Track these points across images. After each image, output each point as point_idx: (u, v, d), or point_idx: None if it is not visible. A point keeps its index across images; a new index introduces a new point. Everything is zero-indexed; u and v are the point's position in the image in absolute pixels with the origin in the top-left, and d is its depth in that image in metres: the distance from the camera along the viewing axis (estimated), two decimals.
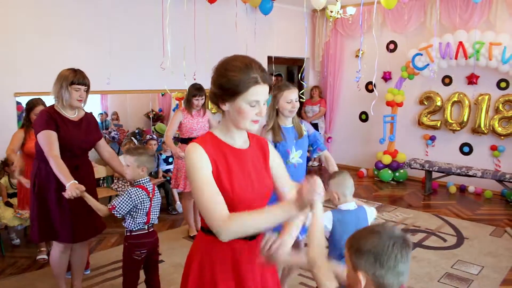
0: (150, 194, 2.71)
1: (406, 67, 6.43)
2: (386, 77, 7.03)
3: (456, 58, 5.91)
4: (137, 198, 2.61)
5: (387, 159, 6.66)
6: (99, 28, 4.99)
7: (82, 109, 2.95)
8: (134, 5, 5.27)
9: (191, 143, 1.54)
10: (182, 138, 4.38)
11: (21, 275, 3.61)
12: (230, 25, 6.22)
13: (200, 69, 5.31)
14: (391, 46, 6.95)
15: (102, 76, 5.05)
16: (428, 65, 6.14)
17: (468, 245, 4.27)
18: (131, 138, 5.40)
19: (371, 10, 6.87)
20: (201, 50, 5.49)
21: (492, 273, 3.66)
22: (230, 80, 1.47)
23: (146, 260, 2.80)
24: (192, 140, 1.60)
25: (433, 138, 6.66)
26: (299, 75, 7.40)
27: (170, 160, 5.40)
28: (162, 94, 6.38)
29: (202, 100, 4.31)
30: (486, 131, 6.05)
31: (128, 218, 2.68)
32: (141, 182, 2.69)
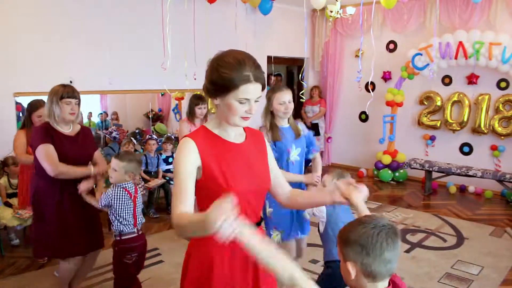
0: (132, 195, 2.74)
1: (406, 67, 6.42)
2: (386, 77, 7.02)
3: (456, 58, 5.90)
4: (115, 196, 2.67)
5: (387, 159, 6.66)
6: (99, 28, 4.98)
7: (77, 123, 2.94)
8: (134, 5, 5.27)
9: (184, 138, 1.55)
10: None
11: (20, 275, 3.60)
12: (230, 25, 6.21)
13: (200, 69, 5.29)
14: (391, 46, 6.95)
15: (102, 76, 5.06)
16: (428, 65, 6.14)
17: (468, 245, 4.26)
18: (131, 138, 5.40)
19: (371, 10, 6.88)
20: (201, 50, 5.48)
21: (492, 273, 3.66)
22: (221, 76, 1.47)
23: (135, 262, 2.81)
24: None
25: (433, 138, 6.66)
26: (300, 75, 7.40)
27: (170, 160, 5.39)
28: (162, 94, 6.38)
29: (204, 109, 4.29)
30: (486, 131, 6.05)
31: (113, 220, 2.71)
32: (123, 185, 2.72)
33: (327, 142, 7.76)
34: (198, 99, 4.24)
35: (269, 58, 6.92)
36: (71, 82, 4.40)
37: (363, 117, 7.48)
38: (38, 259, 3.70)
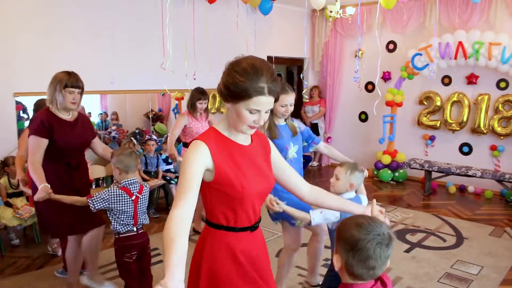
0: (134, 196, 2.69)
1: (405, 67, 6.43)
2: (386, 77, 7.03)
3: (455, 58, 5.91)
4: (112, 198, 2.61)
5: (387, 159, 6.66)
6: (99, 28, 4.99)
7: (76, 111, 2.98)
8: (134, 5, 5.27)
9: (196, 140, 1.54)
10: (185, 143, 4.38)
11: (20, 275, 3.60)
12: (230, 25, 6.22)
13: (200, 69, 5.32)
14: (391, 46, 6.95)
15: (102, 76, 5.06)
16: (427, 65, 6.14)
17: (467, 245, 4.27)
18: (131, 138, 5.41)
19: (371, 10, 6.89)
20: (201, 50, 5.49)
21: (491, 273, 3.66)
22: (236, 84, 1.46)
23: (137, 261, 2.79)
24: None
25: (432, 138, 6.66)
26: (301, 75, 7.41)
27: (170, 160, 5.40)
28: (162, 94, 6.38)
29: (205, 104, 4.33)
30: (485, 131, 6.05)
31: (112, 219, 2.69)
32: (124, 183, 2.69)
33: (327, 142, 7.76)
34: (200, 94, 4.26)
35: (269, 58, 6.92)
36: None
37: (363, 117, 7.49)
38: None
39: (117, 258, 2.77)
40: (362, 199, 2.56)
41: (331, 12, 5.87)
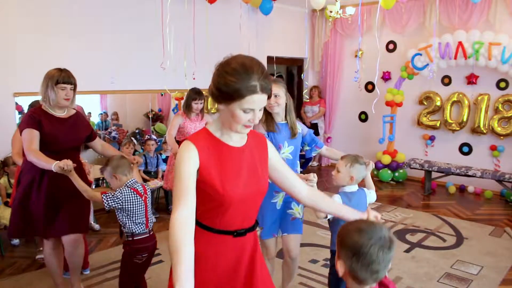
0: (143, 196, 2.69)
1: (405, 67, 6.43)
2: (386, 77, 7.03)
3: (455, 58, 5.91)
4: (126, 198, 2.60)
5: (387, 159, 6.67)
6: (99, 28, 4.99)
7: (71, 108, 2.94)
8: (134, 5, 5.27)
9: (185, 140, 1.54)
10: (179, 141, 4.40)
11: (20, 275, 3.60)
12: (230, 25, 6.22)
13: (199, 69, 5.32)
14: (391, 46, 6.96)
15: (102, 76, 5.06)
16: (427, 65, 6.15)
17: (467, 245, 4.27)
18: (131, 138, 5.41)
19: (371, 10, 6.90)
20: (201, 50, 5.49)
21: (491, 273, 3.66)
22: (228, 84, 1.44)
23: (145, 263, 2.79)
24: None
25: (432, 138, 6.66)
26: (302, 75, 7.41)
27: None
28: (162, 94, 6.38)
29: (201, 104, 4.34)
30: (485, 131, 6.06)
31: (125, 220, 2.66)
32: (129, 184, 2.67)
33: (327, 142, 7.76)
34: (196, 94, 4.27)
35: (269, 58, 6.93)
36: None
37: (363, 117, 7.49)
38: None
39: (125, 259, 2.73)
40: (368, 194, 2.55)
41: (331, 12, 5.87)
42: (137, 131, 6.10)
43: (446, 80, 6.40)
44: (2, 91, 4.39)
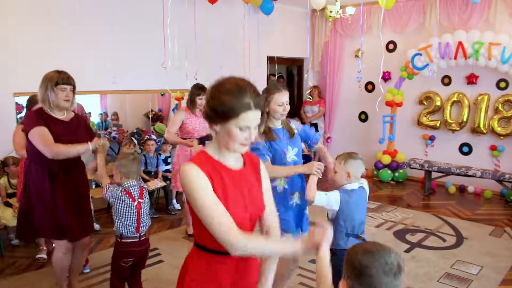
0: (136, 201, 2.68)
1: (405, 67, 6.43)
2: (386, 77, 7.03)
3: (455, 58, 5.91)
4: (118, 197, 2.63)
5: (387, 159, 6.66)
6: (99, 28, 4.98)
7: (71, 110, 2.93)
8: (135, 5, 5.27)
9: (187, 164, 1.52)
10: (183, 138, 4.38)
11: (20, 275, 3.60)
12: (231, 25, 6.22)
13: (200, 69, 5.32)
14: (391, 46, 6.96)
15: (102, 76, 5.06)
16: (427, 65, 6.15)
17: (467, 245, 4.27)
18: (131, 138, 5.40)
19: (371, 10, 6.90)
20: (201, 50, 5.49)
21: (491, 273, 3.66)
22: (223, 103, 1.47)
23: (132, 267, 2.78)
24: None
25: (432, 138, 6.66)
26: (305, 75, 7.41)
27: (169, 160, 5.40)
28: (162, 94, 6.38)
29: (205, 99, 4.31)
30: (485, 131, 6.06)
31: (116, 220, 2.67)
32: (125, 186, 2.68)
33: (327, 142, 7.76)
34: (199, 89, 4.25)
35: (269, 58, 6.93)
36: None
37: (363, 117, 7.49)
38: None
39: (113, 260, 2.75)
40: (365, 186, 2.57)
41: (331, 12, 5.87)
42: (135, 131, 6.10)
43: (446, 80, 6.40)
44: (2, 91, 4.39)
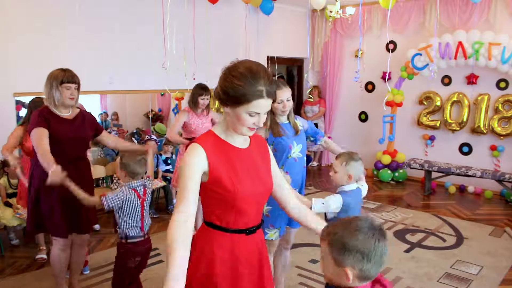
0: (141, 197, 2.69)
1: (405, 67, 6.43)
2: (386, 77, 7.03)
3: (455, 58, 5.91)
4: (127, 198, 2.61)
5: (387, 159, 6.66)
6: (99, 28, 4.99)
7: (76, 107, 2.97)
8: (134, 5, 5.27)
9: (193, 143, 1.57)
10: (186, 138, 4.38)
11: (20, 275, 3.61)
12: (231, 25, 6.22)
13: (200, 69, 5.32)
14: (391, 46, 6.95)
15: (102, 76, 5.06)
16: (427, 65, 6.15)
17: (467, 245, 4.27)
18: (131, 138, 5.41)
19: (371, 10, 6.90)
20: (201, 50, 5.49)
21: (491, 273, 3.66)
22: (235, 88, 1.47)
23: (136, 267, 2.78)
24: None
25: (432, 138, 6.66)
26: (304, 75, 7.41)
27: (170, 161, 5.40)
28: (162, 94, 6.38)
29: (207, 100, 4.31)
30: (485, 131, 6.06)
31: (121, 222, 2.66)
32: (131, 185, 2.68)
33: None
34: (202, 89, 4.25)
35: (269, 58, 6.92)
36: None
37: (363, 117, 7.49)
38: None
39: (118, 262, 2.72)
40: (362, 187, 2.56)
41: (331, 12, 5.87)
42: (135, 131, 6.10)
43: (446, 80, 6.40)
44: (2, 91, 4.39)
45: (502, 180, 5.51)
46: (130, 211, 2.64)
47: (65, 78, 2.77)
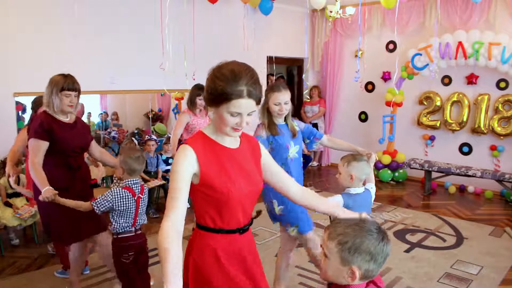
0: (136, 196, 2.69)
1: (405, 67, 6.43)
2: (386, 77, 7.03)
3: (455, 58, 5.91)
4: (116, 199, 2.60)
5: (387, 159, 6.66)
6: (99, 28, 4.99)
7: (74, 114, 2.97)
8: (133, 5, 5.27)
9: (182, 145, 1.59)
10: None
11: (20, 275, 3.61)
12: (230, 25, 6.22)
13: (199, 69, 5.32)
14: (391, 46, 6.96)
15: (102, 76, 5.06)
16: (427, 65, 6.15)
17: (467, 245, 4.27)
18: (132, 138, 5.41)
19: (371, 10, 6.90)
20: (200, 50, 5.49)
21: (491, 273, 3.66)
22: (216, 88, 1.50)
23: (135, 262, 2.79)
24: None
25: (432, 138, 6.66)
26: (302, 76, 7.41)
27: (170, 161, 5.40)
28: (162, 94, 6.38)
29: None
30: (485, 131, 6.06)
31: (112, 221, 2.68)
32: (127, 183, 2.68)
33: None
34: (199, 90, 4.25)
35: (269, 58, 6.92)
36: None
37: (363, 117, 7.49)
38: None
39: (114, 259, 2.76)
40: (371, 190, 2.54)
41: (331, 12, 5.87)
42: (136, 131, 6.10)
43: (446, 80, 6.40)
44: (2, 91, 4.39)
45: (502, 180, 5.51)
46: (122, 211, 2.64)
47: (65, 85, 2.76)
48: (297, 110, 7.81)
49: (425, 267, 3.76)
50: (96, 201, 2.60)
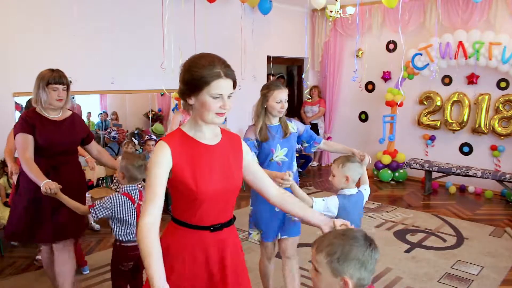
0: (136, 203, 2.61)
1: (406, 67, 6.42)
2: (386, 77, 7.02)
3: (456, 58, 5.90)
4: (115, 205, 2.53)
5: (387, 159, 6.66)
6: (99, 28, 4.98)
7: (66, 109, 2.87)
8: (133, 5, 5.27)
9: (159, 141, 1.61)
10: None
11: (20, 275, 3.61)
12: (230, 25, 6.21)
13: None
14: (391, 46, 6.95)
15: (102, 76, 5.06)
16: (427, 65, 6.14)
17: (467, 245, 4.26)
18: (132, 138, 5.40)
19: (371, 10, 6.89)
20: (200, 50, 5.47)
21: (491, 273, 3.66)
22: (194, 75, 1.54)
23: (133, 270, 2.75)
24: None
25: (432, 138, 6.66)
26: (303, 75, 7.41)
27: None
28: (162, 94, 6.37)
29: None
30: (486, 131, 6.05)
31: (114, 227, 2.62)
32: (126, 189, 2.60)
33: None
34: None
35: (268, 58, 6.92)
36: (71, 82, 4.40)
37: (363, 117, 7.48)
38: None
39: (112, 263, 2.72)
40: (364, 191, 2.53)
41: (331, 12, 5.87)
42: (136, 132, 6.09)
43: (447, 80, 6.39)
44: (2, 91, 4.39)
45: (502, 180, 5.50)
46: (122, 218, 2.56)
47: (51, 78, 2.67)
48: (297, 110, 7.81)
49: (425, 267, 3.75)
50: (94, 207, 2.53)
